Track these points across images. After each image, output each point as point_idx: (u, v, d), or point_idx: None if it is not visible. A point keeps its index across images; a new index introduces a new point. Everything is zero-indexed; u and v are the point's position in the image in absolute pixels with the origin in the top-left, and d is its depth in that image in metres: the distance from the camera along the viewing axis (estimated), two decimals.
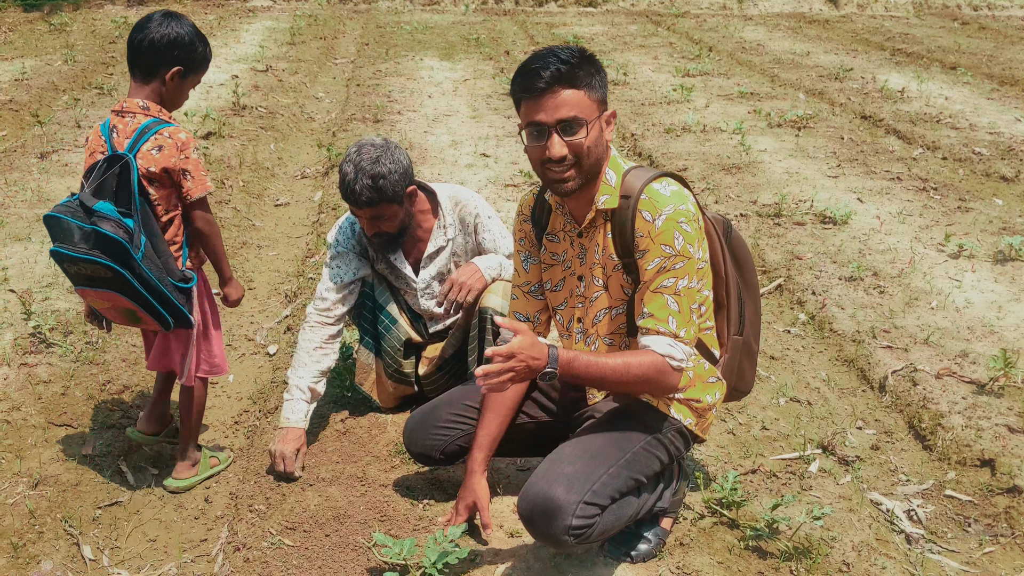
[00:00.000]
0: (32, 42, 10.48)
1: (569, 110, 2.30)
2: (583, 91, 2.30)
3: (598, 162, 2.39)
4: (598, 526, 2.34)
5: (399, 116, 7.69)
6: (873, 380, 3.72)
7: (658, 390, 2.43)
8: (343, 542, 2.63)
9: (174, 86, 2.75)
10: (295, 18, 12.73)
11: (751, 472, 3.06)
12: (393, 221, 3.05)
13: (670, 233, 2.33)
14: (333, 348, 3.12)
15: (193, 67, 2.78)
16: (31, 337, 3.84)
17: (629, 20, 13.57)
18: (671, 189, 2.39)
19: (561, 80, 2.28)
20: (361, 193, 2.93)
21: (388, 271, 3.25)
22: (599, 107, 2.35)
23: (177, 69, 2.73)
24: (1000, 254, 4.82)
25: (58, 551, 2.70)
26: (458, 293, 3.08)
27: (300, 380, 3.04)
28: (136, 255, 2.58)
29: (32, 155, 6.35)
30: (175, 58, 2.72)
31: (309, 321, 3.13)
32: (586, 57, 2.33)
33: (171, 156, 2.68)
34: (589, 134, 2.32)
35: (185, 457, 3.04)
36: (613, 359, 2.34)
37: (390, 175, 2.94)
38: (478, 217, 3.20)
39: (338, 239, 3.21)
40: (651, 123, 7.58)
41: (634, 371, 2.33)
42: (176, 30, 2.71)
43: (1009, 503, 2.94)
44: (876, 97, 8.59)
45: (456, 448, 2.76)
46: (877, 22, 13.74)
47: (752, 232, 5.19)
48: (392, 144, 3.03)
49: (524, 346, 2.18)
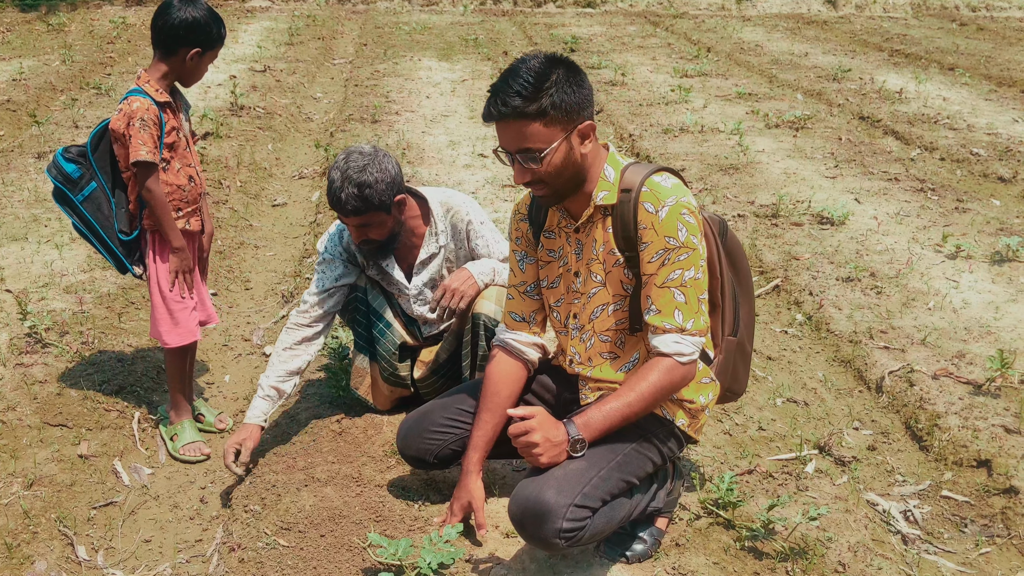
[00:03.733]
0: (30, 42, 10.47)
1: (523, 141, 2.31)
2: (537, 122, 2.28)
3: (574, 176, 2.40)
4: (589, 529, 2.33)
5: (397, 116, 7.69)
6: (870, 380, 3.72)
7: (677, 389, 2.46)
8: (338, 542, 2.62)
9: (192, 65, 3.05)
10: (293, 18, 12.73)
11: (747, 472, 3.06)
12: (381, 229, 3.02)
13: (673, 224, 2.34)
14: (306, 350, 3.10)
15: (209, 46, 3.06)
16: (27, 337, 3.83)
17: (627, 21, 13.57)
18: (672, 182, 2.41)
19: (512, 115, 2.28)
20: (347, 202, 2.90)
21: (380, 277, 3.24)
22: (563, 129, 2.32)
23: (195, 50, 3.02)
24: (997, 255, 4.82)
25: (52, 551, 2.70)
26: (451, 300, 3.07)
27: (265, 379, 3.04)
28: (75, 196, 3.07)
29: (29, 155, 6.34)
30: (192, 40, 3.01)
31: (288, 323, 3.14)
32: (543, 81, 2.27)
33: (120, 120, 2.98)
34: (550, 160, 2.33)
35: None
36: (624, 396, 2.38)
37: (376, 184, 2.91)
38: (470, 224, 3.17)
39: (327, 246, 3.20)
40: (649, 123, 7.58)
41: (648, 393, 2.37)
42: (193, 14, 2.99)
43: (1005, 504, 2.93)
44: (874, 98, 8.59)
45: (450, 452, 2.75)
46: (875, 23, 13.75)
47: (750, 232, 5.19)
48: (380, 152, 3.00)
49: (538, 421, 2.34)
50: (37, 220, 5.18)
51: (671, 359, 2.37)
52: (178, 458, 3.19)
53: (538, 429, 2.33)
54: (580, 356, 2.60)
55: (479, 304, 3.06)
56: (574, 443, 2.36)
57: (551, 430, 2.35)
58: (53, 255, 4.71)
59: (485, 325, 3.04)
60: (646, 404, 2.39)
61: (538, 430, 2.32)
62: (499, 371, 2.67)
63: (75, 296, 4.26)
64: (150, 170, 2.98)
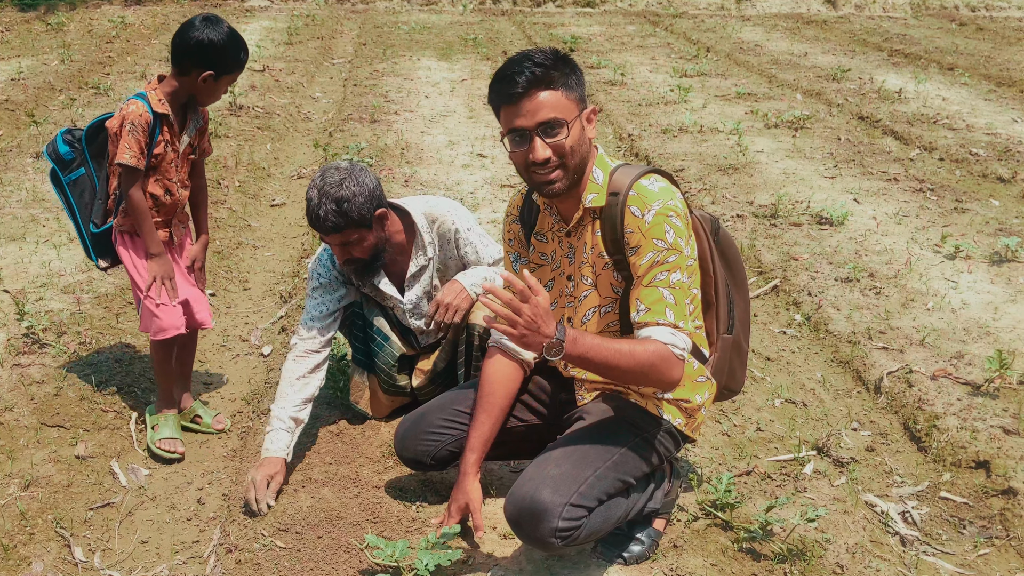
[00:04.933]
0: (28, 42, 10.46)
1: (548, 112, 2.30)
2: (560, 91, 2.31)
3: (583, 160, 2.40)
4: (585, 528, 2.33)
5: (396, 116, 7.69)
6: (869, 381, 3.71)
7: (660, 381, 2.34)
8: (335, 544, 2.62)
9: (206, 87, 3.03)
10: (292, 18, 12.72)
11: (745, 474, 3.05)
12: (363, 246, 2.97)
13: (660, 227, 2.33)
14: (318, 376, 3.07)
15: (224, 70, 3.02)
16: (24, 337, 3.83)
17: (627, 20, 13.56)
18: (659, 185, 2.40)
19: (537, 83, 2.29)
20: (326, 219, 2.87)
21: (374, 294, 3.22)
22: (578, 105, 2.36)
23: (208, 73, 2.98)
24: (996, 255, 4.81)
25: (49, 552, 2.69)
26: (445, 314, 3.05)
27: (281, 411, 2.96)
28: (63, 177, 3.16)
29: (27, 155, 6.34)
30: (206, 62, 2.97)
31: (294, 352, 3.07)
32: (560, 57, 2.34)
33: (115, 120, 3.01)
34: (571, 133, 2.33)
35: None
36: (619, 343, 2.31)
37: (355, 198, 2.87)
38: (457, 232, 3.14)
39: (318, 271, 3.15)
40: (648, 123, 7.57)
41: (639, 356, 2.27)
42: (210, 36, 2.95)
43: (1004, 505, 2.93)
44: (873, 98, 8.59)
45: (447, 453, 2.75)
46: (875, 23, 13.74)
47: (748, 233, 5.18)
48: (358, 167, 2.96)
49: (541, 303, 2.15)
50: (35, 220, 5.18)
51: (667, 347, 2.30)
52: (152, 450, 3.16)
53: (533, 310, 2.16)
54: None
55: (473, 315, 3.07)
56: (552, 345, 2.20)
57: (543, 318, 2.18)
58: (51, 255, 4.71)
59: (479, 335, 3.04)
60: (633, 366, 2.28)
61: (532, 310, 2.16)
62: (495, 372, 2.66)
63: (73, 296, 4.25)
64: (132, 175, 3.00)
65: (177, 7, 13.30)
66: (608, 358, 2.27)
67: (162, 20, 12.16)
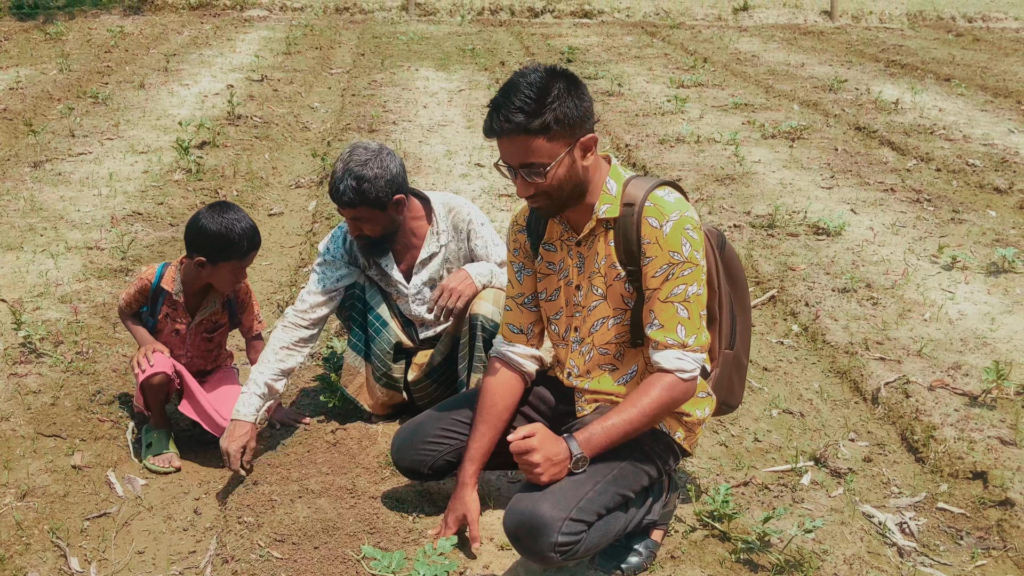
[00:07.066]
0: (27, 51, 10.47)
1: (526, 156, 2.31)
2: (540, 138, 2.28)
3: (576, 188, 2.40)
4: (584, 542, 2.32)
5: (394, 126, 7.70)
6: (866, 392, 3.71)
7: (679, 405, 2.46)
8: (332, 554, 2.61)
9: (206, 272, 3.12)
10: (291, 28, 12.75)
11: (743, 484, 3.05)
12: (374, 225, 3.08)
13: (678, 239, 2.34)
14: (300, 351, 3.14)
15: (215, 259, 3.08)
16: (21, 347, 3.82)
17: (624, 31, 13.60)
18: (675, 196, 2.43)
19: (516, 131, 2.28)
20: (344, 193, 3.00)
21: (379, 277, 3.27)
22: (566, 143, 2.32)
23: (198, 259, 3.08)
24: (993, 266, 4.82)
25: (45, 563, 2.68)
26: (448, 299, 3.08)
27: (260, 376, 3.06)
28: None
29: (25, 164, 6.34)
30: (198, 248, 3.07)
31: (284, 321, 3.17)
32: (543, 97, 2.26)
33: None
34: (554, 174, 2.33)
35: None
36: (626, 410, 2.38)
37: (375, 180, 2.98)
38: (471, 223, 3.22)
39: (329, 247, 3.25)
40: (645, 134, 7.59)
41: (648, 409, 2.37)
42: (203, 222, 3.04)
43: (1001, 516, 2.93)
44: (870, 108, 8.61)
45: (444, 463, 2.74)
46: (872, 34, 13.79)
47: (746, 243, 5.19)
48: (386, 150, 3.06)
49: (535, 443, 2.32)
50: (33, 229, 5.18)
51: (673, 375, 2.38)
52: (148, 467, 3.17)
53: (539, 448, 2.32)
54: (579, 369, 2.59)
55: (476, 305, 3.07)
56: (576, 461, 2.35)
57: (552, 448, 2.34)
58: (48, 264, 4.70)
59: (482, 326, 3.03)
60: (647, 420, 2.39)
61: (539, 449, 2.32)
62: (496, 383, 2.66)
63: (70, 306, 4.25)
64: (121, 313, 3.33)
65: (176, 17, 13.33)
66: (624, 432, 2.38)
67: (160, 30, 12.18)
